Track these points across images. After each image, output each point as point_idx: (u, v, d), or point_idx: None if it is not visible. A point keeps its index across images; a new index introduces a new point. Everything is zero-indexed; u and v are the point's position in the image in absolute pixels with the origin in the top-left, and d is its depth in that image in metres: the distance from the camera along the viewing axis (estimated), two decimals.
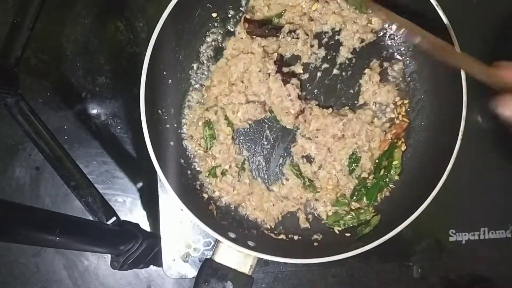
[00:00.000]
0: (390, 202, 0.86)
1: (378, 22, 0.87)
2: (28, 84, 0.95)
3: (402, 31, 0.71)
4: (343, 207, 0.85)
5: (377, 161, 0.86)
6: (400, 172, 0.86)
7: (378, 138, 0.86)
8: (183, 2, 0.77)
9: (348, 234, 0.84)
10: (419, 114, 0.87)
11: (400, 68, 0.87)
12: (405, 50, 0.88)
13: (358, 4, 0.86)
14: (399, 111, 0.87)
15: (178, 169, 0.84)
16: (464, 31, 0.79)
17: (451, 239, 0.91)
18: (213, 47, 0.88)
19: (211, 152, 0.86)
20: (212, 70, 0.87)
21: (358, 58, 0.88)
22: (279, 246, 0.83)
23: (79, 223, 0.73)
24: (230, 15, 0.88)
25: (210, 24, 0.88)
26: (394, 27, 0.73)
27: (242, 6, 0.88)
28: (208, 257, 0.77)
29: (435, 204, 0.75)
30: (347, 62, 0.88)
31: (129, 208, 0.97)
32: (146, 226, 0.96)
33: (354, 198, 0.86)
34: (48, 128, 0.84)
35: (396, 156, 0.86)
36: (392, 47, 0.88)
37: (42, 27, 0.93)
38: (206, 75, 0.88)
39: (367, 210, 0.85)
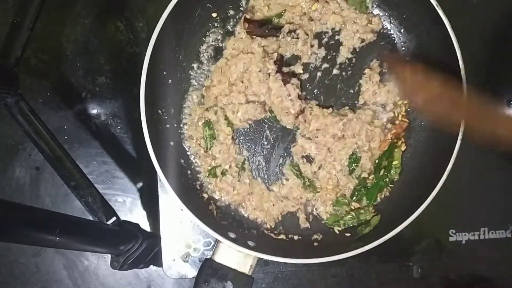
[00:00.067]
0: (390, 202, 0.86)
1: (378, 22, 0.87)
2: (28, 84, 0.95)
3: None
4: (343, 207, 0.86)
5: (377, 161, 0.86)
6: (400, 172, 0.86)
7: (378, 138, 0.86)
8: (183, 2, 0.77)
9: (348, 234, 0.84)
10: (419, 114, 0.87)
11: None
12: (405, 50, 0.88)
13: (358, 4, 0.87)
14: (399, 111, 0.87)
15: (178, 169, 0.84)
16: (464, 31, 0.79)
17: (451, 239, 0.91)
18: (213, 47, 0.88)
19: (211, 152, 0.86)
20: (212, 70, 0.87)
21: (358, 58, 0.88)
22: (279, 246, 0.83)
23: (79, 223, 0.73)
24: (230, 15, 0.88)
25: (210, 24, 0.88)
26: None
27: (242, 6, 0.88)
28: (208, 257, 0.77)
29: (435, 204, 0.75)
30: (347, 62, 0.88)
31: (129, 208, 0.97)
32: (146, 226, 0.96)
33: (354, 198, 0.86)
34: (48, 128, 0.84)
35: (396, 156, 0.86)
36: (392, 47, 0.88)
37: (42, 27, 0.93)
38: (206, 75, 0.88)
39: (367, 210, 0.85)
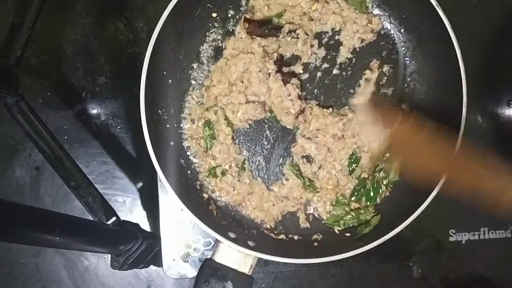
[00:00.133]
0: (390, 202, 0.86)
1: (378, 22, 0.87)
2: (28, 84, 0.95)
3: None
4: (343, 207, 0.85)
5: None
6: (399, 173, 0.86)
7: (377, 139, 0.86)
8: (183, 2, 0.77)
9: (348, 234, 0.84)
10: (419, 114, 0.87)
11: (400, 68, 0.87)
12: (405, 50, 0.88)
13: (358, 4, 0.87)
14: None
15: (178, 169, 0.84)
16: (464, 31, 0.79)
17: (451, 239, 0.91)
18: (213, 47, 0.88)
19: (211, 152, 0.86)
20: (212, 70, 0.87)
21: (358, 58, 0.88)
22: (279, 246, 0.83)
23: (79, 223, 0.73)
24: (230, 15, 0.88)
25: (210, 24, 0.88)
26: None
27: (242, 6, 0.88)
28: (208, 257, 0.77)
29: (435, 204, 0.75)
30: (347, 62, 0.88)
31: (129, 208, 0.97)
32: (146, 226, 0.96)
33: (354, 198, 0.86)
34: (48, 128, 0.84)
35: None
36: (392, 47, 0.88)
37: (42, 27, 0.93)
38: (206, 75, 0.88)
39: (367, 210, 0.85)
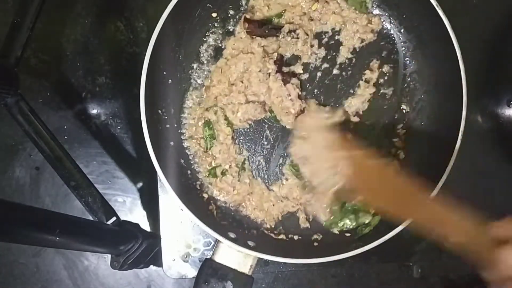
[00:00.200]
0: None
1: (378, 22, 0.87)
2: (28, 84, 0.95)
3: None
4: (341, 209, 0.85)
5: None
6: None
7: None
8: (183, 2, 0.77)
9: (348, 234, 0.84)
10: (419, 114, 0.87)
11: (400, 68, 0.88)
12: (405, 50, 0.88)
13: (358, 4, 0.86)
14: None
15: (178, 169, 0.84)
16: (464, 31, 0.79)
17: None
18: (213, 47, 0.88)
19: (211, 152, 0.86)
20: (212, 70, 0.87)
21: (358, 58, 0.88)
22: (279, 246, 0.83)
23: (79, 223, 0.73)
24: (230, 15, 0.88)
25: (210, 24, 0.87)
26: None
27: (242, 6, 0.88)
28: (208, 257, 0.77)
29: None
30: (347, 62, 0.88)
31: (129, 208, 0.97)
32: (146, 226, 0.96)
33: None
34: (48, 128, 0.84)
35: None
36: (392, 47, 0.88)
37: (42, 27, 0.93)
38: (206, 75, 0.88)
39: (366, 213, 0.84)
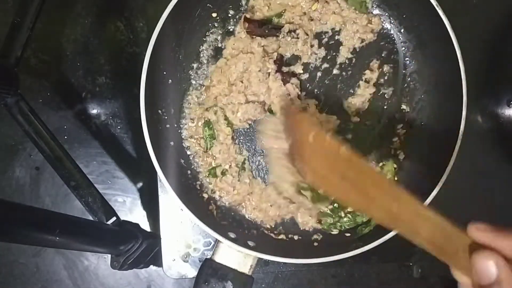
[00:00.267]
0: None
1: (378, 22, 0.87)
2: (28, 84, 0.95)
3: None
4: (340, 209, 0.85)
5: None
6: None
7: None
8: (183, 2, 0.77)
9: (348, 234, 0.84)
10: (419, 114, 0.87)
11: (400, 68, 0.88)
12: (405, 50, 0.88)
13: (358, 4, 0.86)
14: None
15: (178, 169, 0.84)
16: (464, 31, 0.79)
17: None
18: (213, 47, 0.88)
19: (211, 152, 0.86)
20: (212, 70, 0.87)
21: (358, 58, 0.88)
22: (279, 246, 0.83)
23: (79, 223, 0.73)
24: (230, 15, 0.88)
25: (210, 24, 0.87)
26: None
27: (242, 6, 0.88)
28: (208, 257, 0.77)
29: (435, 204, 0.75)
30: (347, 62, 0.88)
31: (129, 208, 0.97)
32: (146, 226, 0.96)
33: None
34: (48, 128, 0.84)
35: (389, 167, 0.86)
36: (392, 47, 0.88)
37: (42, 27, 0.93)
38: (206, 75, 0.88)
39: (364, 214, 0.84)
